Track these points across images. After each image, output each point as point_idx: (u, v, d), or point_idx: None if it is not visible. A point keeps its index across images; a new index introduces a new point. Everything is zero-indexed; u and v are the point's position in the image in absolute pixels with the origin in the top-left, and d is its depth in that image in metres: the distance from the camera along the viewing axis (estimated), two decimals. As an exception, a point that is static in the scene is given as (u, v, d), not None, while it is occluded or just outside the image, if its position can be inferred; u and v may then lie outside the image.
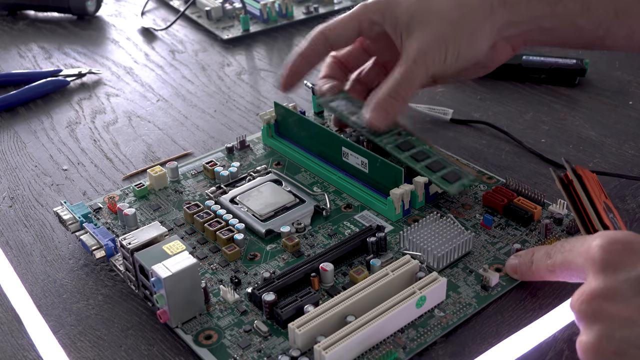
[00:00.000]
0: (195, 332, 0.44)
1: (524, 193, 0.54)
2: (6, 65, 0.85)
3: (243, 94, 0.76)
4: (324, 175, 0.58)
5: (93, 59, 0.86)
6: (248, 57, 0.85)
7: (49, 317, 0.47)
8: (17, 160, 0.66)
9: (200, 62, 0.84)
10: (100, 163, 0.65)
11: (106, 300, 0.48)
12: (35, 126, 0.72)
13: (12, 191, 0.61)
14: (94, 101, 0.76)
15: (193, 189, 0.58)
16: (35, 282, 0.50)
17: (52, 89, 0.78)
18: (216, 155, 0.63)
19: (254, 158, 0.62)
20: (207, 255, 0.51)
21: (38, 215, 0.58)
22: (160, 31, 0.93)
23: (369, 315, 0.42)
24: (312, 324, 0.42)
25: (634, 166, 0.60)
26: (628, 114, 0.68)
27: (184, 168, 0.61)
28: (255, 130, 0.69)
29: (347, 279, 0.48)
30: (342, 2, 0.96)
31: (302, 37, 0.90)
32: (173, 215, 0.55)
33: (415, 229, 0.50)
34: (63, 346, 0.45)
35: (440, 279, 0.45)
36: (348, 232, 0.52)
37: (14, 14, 0.99)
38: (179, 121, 0.71)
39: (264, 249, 0.51)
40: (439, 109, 0.68)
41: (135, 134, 0.69)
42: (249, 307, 0.46)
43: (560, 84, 0.73)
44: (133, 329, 0.46)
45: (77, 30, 0.95)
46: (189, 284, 0.44)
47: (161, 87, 0.79)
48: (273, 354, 0.42)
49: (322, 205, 0.55)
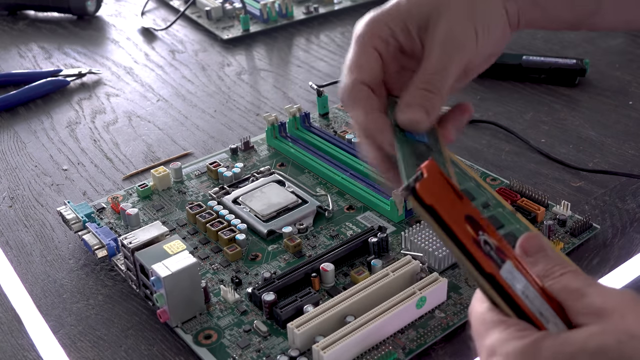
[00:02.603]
0: (195, 331, 0.44)
1: (527, 194, 0.54)
2: (6, 65, 0.85)
3: (243, 94, 0.76)
4: (328, 176, 0.58)
5: (93, 59, 0.86)
6: (248, 57, 0.85)
7: (49, 317, 0.47)
8: (17, 160, 0.66)
9: (200, 62, 0.84)
10: (100, 163, 0.65)
11: (106, 300, 0.48)
12: (35, 126, 0.71)
13: (12, 191, 0.61)
14: (94, 101, 0.76)
15: (196, 189, 0.58)
16: (35, 282, 0.50)
17: (52, 89, 0.77)
18: (220, 156, 0.63)
19: (258, 159, 0.62)
20: (209, 255, 0.51)
21: (38, 215, 0.58)
22: (160, 31, 0.93)
23: (368, 316, 0.42)
24: (311, 324, 0.41)
25: (634, 166, 0.60)
26: (628, 114, 0.68)
27: (187, 169, 0.61)
28: (255, 130, 0.69)
29: (348, 280, 0.48)
30: (342, 2, 0.96)
31: (302, 37, 0.90)
32: (176, 215, 0.55)
33: (417, 230, 0.50)
34: (63, 346, 0.45)
35: (441, 279, 0.45)
36: (350, 233, 0.52)
37: (14, 14, 0.99)
38: (179, 121, 0.71)
39: (265, 250, 0.51)
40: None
41: (135, 134, 0.69)
42: (249, 307, 0.46)
43: (560, 84, 0.73)
44: (133, 329, 0.46)
45: (77, 30, 0.94)
46: (189, 283, 0.44)
47: (161, 87, 0.79)
48: (272, 353, 0.42)
49: (325, 206, 0.55)
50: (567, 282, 0.31)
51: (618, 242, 0.51)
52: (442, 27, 0.40)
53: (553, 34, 0.85)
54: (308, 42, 0.88)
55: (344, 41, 0.88)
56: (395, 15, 0.41)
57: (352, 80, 0.40)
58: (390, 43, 0.41)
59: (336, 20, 0.94)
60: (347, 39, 0.88)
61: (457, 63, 0.40)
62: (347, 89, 0.40)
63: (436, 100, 0.40)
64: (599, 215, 0.54)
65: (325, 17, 0.94)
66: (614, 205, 0.55)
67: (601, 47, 0.82)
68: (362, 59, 0.41)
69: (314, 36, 0.89)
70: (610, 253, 0.50)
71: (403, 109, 0.39)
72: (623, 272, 0.48)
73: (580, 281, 0.31)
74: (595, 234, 0.52)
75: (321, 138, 0.62)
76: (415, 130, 0.40)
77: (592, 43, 0.83)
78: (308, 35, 0.90)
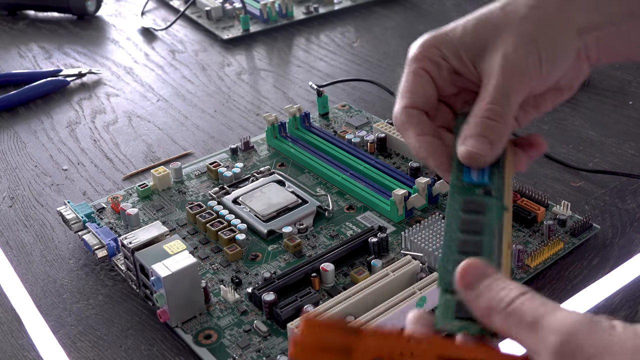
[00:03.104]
0: (195, 331, 0.44)
1: (527, 194, 0.54)
2: (6, 65, 0.85)
3: (243, 94, 0.76)
4: (328, 176, 0.58)
5: (93, 59, 0.86)
6: (248, 57, 0.85)
7: (49, 317, 0.47)
8: (17, 160, 0.66)
9: (200, 62, 0.84)
10: (100, 163, 0.65)
11: (106, 300, 0.48)
12: (35, 126, 0.71)
13: (12, 191, 0.61)
14: (94, 101, 0.76)
15: (196, 189, 0.58)
16: (35, 282, 0.50)
17: (52, 89, 0.77)
18: (220, 156, 0.63)
19: (258, 159, 0.62)
20: (209, 255, 0.51)
21: (38, 215, 0.58)
22: (160, 31, 0.93)
23: (368, 315, 0.42)
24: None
25: (634, 166, 0.60)
26: (628, 114, 0.68)
27: (187, 169, 0.61)
28: (255, 130, 0.69)
29: (348, 280, 0.48)
30: (342, 2, 0.96)
31: (302, 37, 0.90)
32: (176, 215, 0.55)
33: (417, 230, 0.50)
34: (63, 346, 0.45)
35: (441, 279, 0.44)
36: (350, 233, 0.52)
37: (14, 14, 0.99)
38: (179, 121, 0.71)
39: (265, 250, 0.51)
40: None
41: (135, 134, 0.69)
42: (249, 307, 0.46)
43: (560, 84, 0.73)
44: (133, 329, 0.46)
45: (77, 30, 0.94)
46: (189, 283, 0.44)
47: (161, 87, 0.79)
48: (272, 353, 0.42)
49: (325, 206, 0.55)
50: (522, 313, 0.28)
51: (618, 242, 0.51)
52: (502, 51, 0.37)
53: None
54: (308, 42, 0.88)
55: (344, 41, 0.88)
56: (446, 39, 0.38)
57: (402, 106, 0.38)
58: (442, 65, 0.38)
59: (336, 20, 0.94)
60: (347, 39, 0.88)
61: (519, 89, 0.37)
62: (398, 115, 0.38)
63: (500, 129, 0.36)
64: (599, 215, 0.54)
65: (325, 17, 0.94)
66: (614, 205, 0.55)
67: (601, 47, 0.82)
68: (412, 83, 0.39)
69: (314, 36, 0.89)
70: (610, 253, 0.50)
71: (463, 141, 0.35)
72: (623, 272, 0.48)
73: (534, 309, 0.28)
74: (595, 234, 0.52)
75: (321, 138, 0.63)
76: (477, 165, 0.35)
77: (592, 43, 0.83)
78: (308, 35, 0.90)
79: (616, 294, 0.47)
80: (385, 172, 0.57)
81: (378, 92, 0.74)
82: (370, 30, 0.90)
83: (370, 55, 0.83)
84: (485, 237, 0.32)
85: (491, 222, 0.33)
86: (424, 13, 0.93)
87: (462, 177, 0.35)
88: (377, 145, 0.61)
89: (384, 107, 0.71)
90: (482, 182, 0.34)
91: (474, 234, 0.32)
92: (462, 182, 0.35)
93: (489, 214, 0.33)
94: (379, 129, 0.62)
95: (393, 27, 0.91)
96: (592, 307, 0.46)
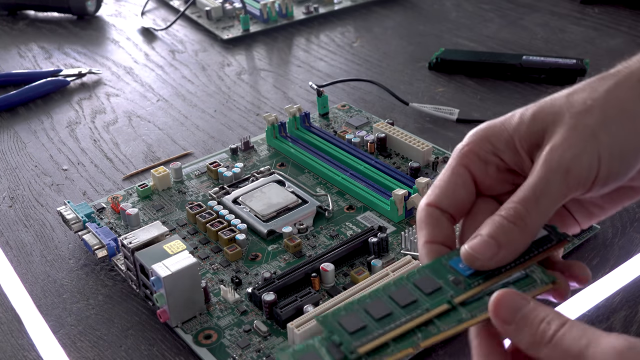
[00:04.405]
0: (195, 331, 0.44)
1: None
2: (6, 65, 0.85)
3: (243, 94, 0.76)
4: (328, 176, 0.58)
5: (93, 59, 0.86)
6: (248, 57, 0.85)
7: (49, 317, 0.47)
8: (17, 160, 0.66)
9: (200, 62, 0.84)
10: (100, 163, 0.65)
11: (106, 300, 0.48)
12: (35, 126, 0.71)
13: (12, 191, 0.61)
14: (94, 101, 0.76)
15: (196, 189, 0.58)
16: (35, 282, 0.50)
17: (52, 89, 0.77)
18: (220, 156, 0.63)
19: (258, 159, 0.62)
20: (209, 255, 0.51)
21: (38, 215, 0.58)
22: (160, 31, 0.93)
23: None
24: (311, 324, 0.41)
25: (634, 166, 0.60)
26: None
27: (187, 169, 0.61)
28: (255, 130, 0.69)
29: (348, 280, 0.48)
30: (342, 2, 0.96)
31: (302, 37, 0.91)
32: (176, 215, 0.55)
33: (415, 229, 0.50)
34: (63, 346, 0.45)
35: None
36: (350, 233, 0.52)
37: (14, 14, 0.99)
38: (179, 121, 0.71)
39: (265, 250, 0.51)
40: (445, 109, 0.68)
41: (135, 134, 0.69)
42: (249, 307, 0.46)
43: (560, 83, 0.73)
44: (133, 329, 0.46)
45: (77, 30, 0.94)
46: (189, 283, 0.44)
47: (161, 87, 0.79)
48: (272, 353, 0.42)
49: (325, 206, 0.55)
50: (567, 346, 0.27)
51: (618, 242, 0.51)
52: (552, 144, 0.31)
53: (553, 34, 0.85)
54: (308, 42, 0.88)
55: (344, 41, 0.88)
56: (501, 129, 0.34)
57: (426, 202, 0.34)
58: (491, 162, 0.34)
59: (336, 20, 0.94)
60: (347, 39, 0.88)
61: (560, 191, 0.31)
62: (419, 210, 0.34)
63: (516, 234, 0.30)
64: (599, 215, 0.54)
65: (325, 17, 0.94)
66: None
67: (601, 47, 0.82)
68: (446, 182, 0.34)
69: (314, 36, 0.89)
70: (610, 253, 0.50)
71: (471, 239, 0.31)
72: (623, 272, 0.48)
73: (577, 340, 0.27)
74: (595, 234, 0.52)
75: (321, 138, 0.63)
76: (473, 267, 0.31)
77: (592, 43, 0.83)
78: (308, 35, 0.90)
79: (616, 294, 0.47)
80: (385, 172, 0.57)
81: (378, 92, 0.74)
82: (370, 30, 0.90)
83: (370, 55, 0.83)
84: (400, 312, 0.29)
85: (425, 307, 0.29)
86: (424, 13, 0.93)
87: (450, 259, 0.32)
88: (377, 145, 0.62)
89: (384, 107, 0.71)
90: (462, 272, 0.31)
91: (397, 303, 0.29)
92: (446, 261, 0.31)
93: (431, 299, 0.29)
94: (379, 129, 0.62)
95: (393, 27, 0.91)
96: (592, 307, 0.46)
